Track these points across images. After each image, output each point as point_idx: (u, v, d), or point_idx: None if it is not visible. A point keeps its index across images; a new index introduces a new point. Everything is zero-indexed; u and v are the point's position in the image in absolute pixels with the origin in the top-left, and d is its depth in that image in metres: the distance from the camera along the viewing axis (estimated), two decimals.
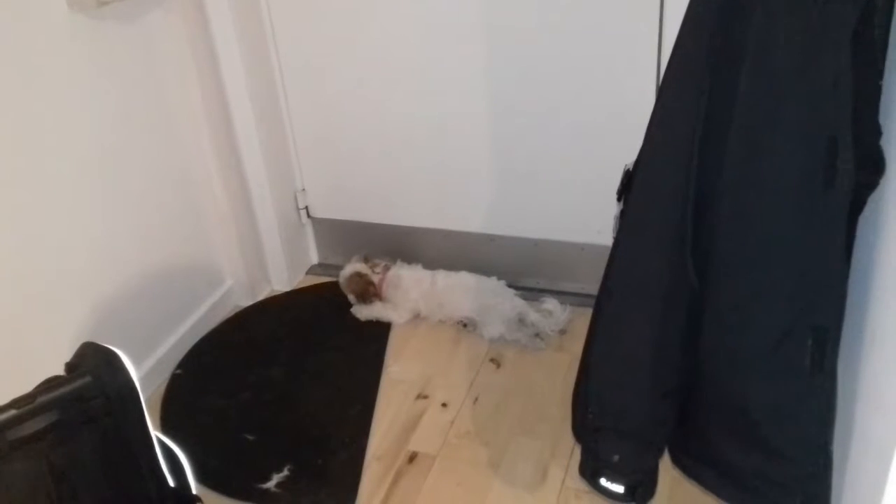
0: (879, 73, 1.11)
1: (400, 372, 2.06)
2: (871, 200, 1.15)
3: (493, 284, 2.21)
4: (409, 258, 2.33)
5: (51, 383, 1.19)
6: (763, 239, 1.16)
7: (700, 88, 1.16)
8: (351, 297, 2.27)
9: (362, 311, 2.25)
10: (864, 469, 1.16)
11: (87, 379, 1.19)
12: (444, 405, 1.93)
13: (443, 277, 2.23)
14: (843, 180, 1.09)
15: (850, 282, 1.16)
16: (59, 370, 1.24)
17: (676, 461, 1.46)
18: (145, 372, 1.98)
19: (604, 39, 1.92)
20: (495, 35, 2.01)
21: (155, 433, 1.29)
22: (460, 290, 2.19)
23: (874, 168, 1.12)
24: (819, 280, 1.13)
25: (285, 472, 1.75)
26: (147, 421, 1.26)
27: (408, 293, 2.22)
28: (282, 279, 2.43)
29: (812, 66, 1.07)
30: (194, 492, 1.37)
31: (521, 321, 2.11)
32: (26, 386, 1.18)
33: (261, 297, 2.40)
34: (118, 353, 1.25)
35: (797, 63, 1.07)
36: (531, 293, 2.22)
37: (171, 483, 1.32)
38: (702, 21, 1.15)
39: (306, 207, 2.46)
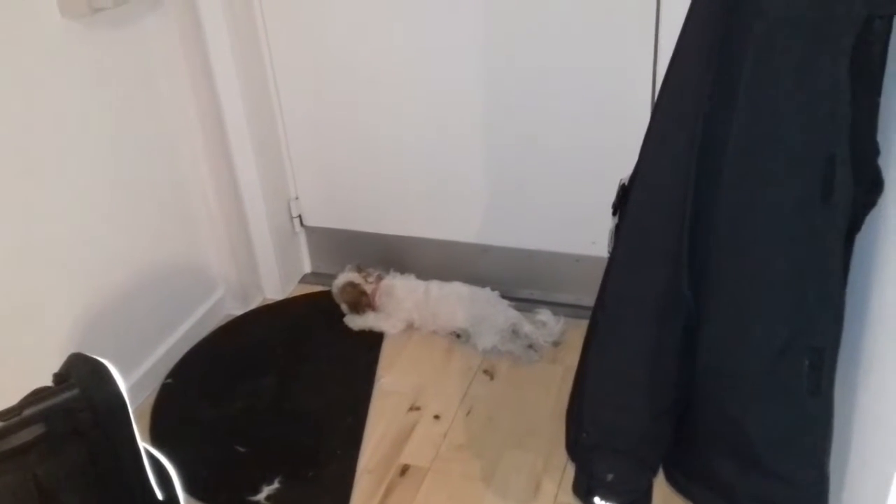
0: (878, 91, 1.11)
1: (392, 383, 2.04)
2: (869, 220, 1.15)
3: (487, 295, 2.20)
4: (403, 268, 2.32)
5: (37, 395, 1.17)
6: (759, 257, 1.15)
7: (697, 103, 1.15)
8: (344, 307, 2.26)
9: (355, 321, 2.23)
10: (861, 491, 1.16)
11: (75, 391, 1.17)
12: (436, 417, 1.92)
13: (436, 288, 2.22)
14: (841, 198, 1.08)
15: (847, 302, 1.15)
16: (48, 381, 1.22)
17: (671, 479, 1.45)
18: (135, 381, 1.97)
19: (600, 51, 1.91)
20: (490, 45, 2.00)
21: (143, 445, 1.27)
22: (454, 301, 2.18)
23: (872, 187, 1.12)
24: (816, 300, 1.13)
25: (276, 485, 1.73)
26: (135, 433, 1.25)
27: (401, 303, 2.21)
28: (274, 288, 2.41)
29: (810, 83, 1.06)
30: None
31: (515, 332, 2.10)
32: (13, 397, 1.17)
33: (253, 305, 2.38)
34: (106, 365, 1.23)
35: (795, 80, 1.07)
36: (525, 304, 2.21)
37: (160, 496, 1.30)
38: (698, 35, 1.14)
39: (300, 216, 2.44)
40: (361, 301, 2.23)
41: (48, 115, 1.68)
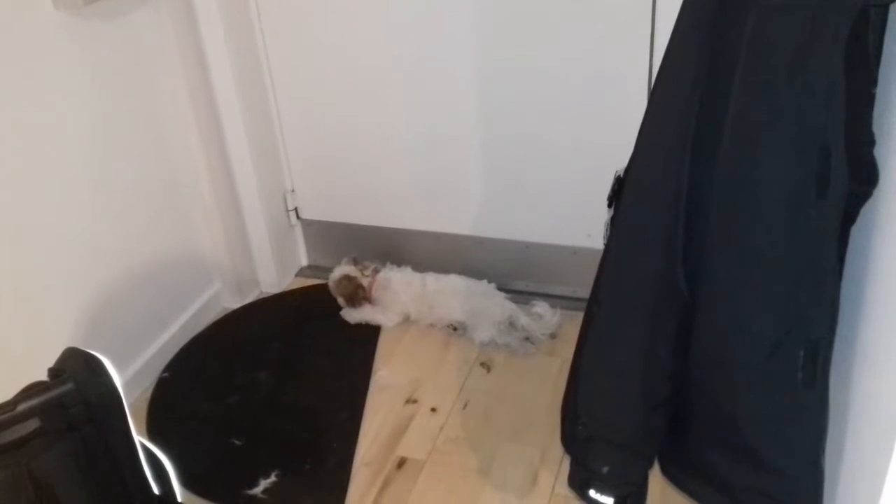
0: (873, 82, 1.10)
1: (389, 376, 2.04)
2: (864, 211, 1.14)
3: (484, 288, 2.20)
4: (399, 261, 2.31)
5: (32, 390, 1.17)
6: (755, 249, 1.15)
7: (691, 96, 1.15)
8: (340, 300, 2.26)
9: (352, 315, 2.23)
10: (857, 483, 1.16)
11: (69, 386, 1.17)
12: (433, 410, 1.92)
13: (433, 280, 2.22)
14: (836, 190, 1.08)
15: (842, 294, 1.15)
16: (43, 375, 1.22)
17: (666, 472, 1.45)
18: (132, 375, 1.97)
19: (596, 44, 1.91)
20: (486, 40, 1.99)
21: (139, 439, 1.27)
22: (450, 294, 2.18)
23: (867, 178, 1.11)
24: (811, 292, 1.12)
25: (272, 478, 1.74)
26: (130, 428, 1.25)
27: (397, 296, 2.21)
28: (271, 281, 2.41)
29: (805, 74, 1.06)
30: (179, 499, 1.36)
31: (512, 325, 2.10)
32: (9, 392, 1.16)
33: (249, 299, 2.38)
34: (101, 359, 1.23)
35: (790, 71, 1.06)
36: (522, 296, 2.20)
37: (156, 490, 1.30)
38: (693, 28, 1.14)
39: (296, 209, 2.44)
40: (358, 294, 2.23)
41: (41, 108, 1.67)
